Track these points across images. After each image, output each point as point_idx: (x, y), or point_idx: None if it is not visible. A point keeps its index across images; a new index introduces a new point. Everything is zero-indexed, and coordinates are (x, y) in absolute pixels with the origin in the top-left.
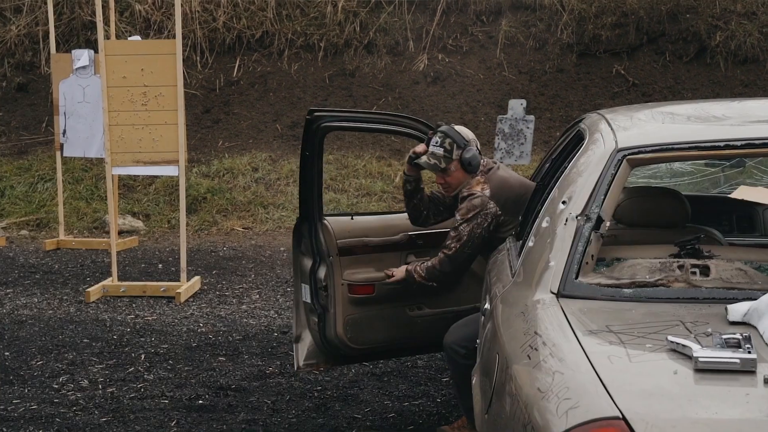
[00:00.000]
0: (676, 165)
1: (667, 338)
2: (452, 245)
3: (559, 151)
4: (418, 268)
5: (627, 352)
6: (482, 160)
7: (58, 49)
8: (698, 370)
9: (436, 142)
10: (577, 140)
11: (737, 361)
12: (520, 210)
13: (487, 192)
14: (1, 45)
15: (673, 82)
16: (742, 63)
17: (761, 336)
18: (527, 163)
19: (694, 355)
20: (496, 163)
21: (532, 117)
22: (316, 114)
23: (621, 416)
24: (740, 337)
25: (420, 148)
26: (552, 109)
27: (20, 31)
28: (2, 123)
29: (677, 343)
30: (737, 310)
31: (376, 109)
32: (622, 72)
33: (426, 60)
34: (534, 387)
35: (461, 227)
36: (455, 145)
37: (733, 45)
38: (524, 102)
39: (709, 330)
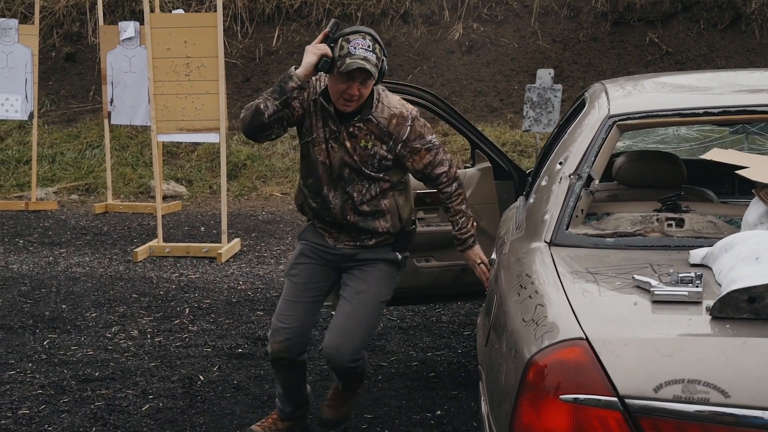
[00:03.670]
0: (682, 131)
1: (633, 276)
2: (454, 170)
3: (566, 118)
4: (470, 234)
5: (598, 288)
6: None
7: (104, 20)
8: (654, 302)
9: (368, 47)
10: (581, 107)
11: (686, 293)
12: None
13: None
14: (50, 16)
15: (707, 50)
16: None
17: (714, 275)
18: None
19: (651, 289)
20: None
21: (559, 86)
22: None
23: (584, 337)
24: (693, 275)
25: (327, 49)
26: (585, 77)
27: (68, 3)
28: (52, 92)
29: (640, 280)
30: (697, 254)
31: (411, 78)
32: (656, 40)
33: (461, 29)
34: (520, 318)
35: (442, 151)
36: (383, 53)
37: None
38: (552, 71)
39: (671, 270)
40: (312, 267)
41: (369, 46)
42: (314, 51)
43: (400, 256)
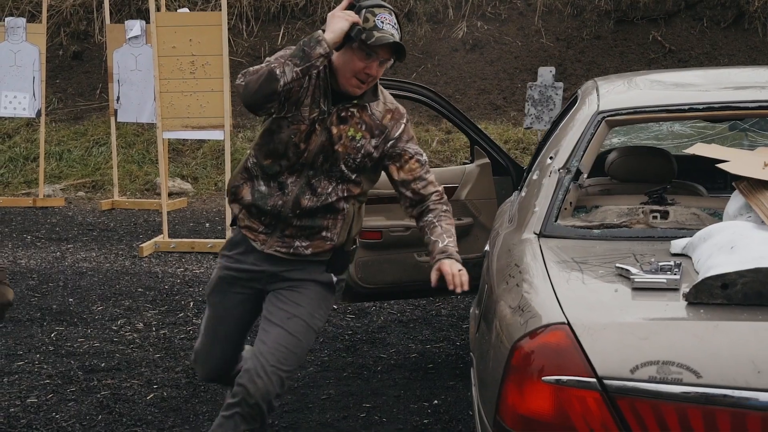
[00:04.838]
0: (677, 127)
1: (615, 265)
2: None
3: (560, 115)
4: (453, 250)
5: (582, 276)
6: None
7: (110, 19)
8: (634, 289)
9: (395, 23)
10: (573, 104)
11: (664, 280)
12: None
13: None
14: (57, 15)
15: (710, 48)
16: None
17: (693, 264)
18: None
19: (632, 276)
20: None
21: (561, 84)
22: None
23: (566, 322)
24: (672, 264)
25: (357, 17)
26: (588, 75)
27: (75, 2)
28: (59, 90)
29: (622, 268)
30: (678, 244)
31: (415, 76)
32: (659, 38)
33: (465, 27)
34: (507, 305)
35: (428, 168)
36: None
37: None
38: (553, 69)
39: (652, 260)
40: (229, 300)
41: (395, 23)
42: (345, 17)
43: (335, 278)
